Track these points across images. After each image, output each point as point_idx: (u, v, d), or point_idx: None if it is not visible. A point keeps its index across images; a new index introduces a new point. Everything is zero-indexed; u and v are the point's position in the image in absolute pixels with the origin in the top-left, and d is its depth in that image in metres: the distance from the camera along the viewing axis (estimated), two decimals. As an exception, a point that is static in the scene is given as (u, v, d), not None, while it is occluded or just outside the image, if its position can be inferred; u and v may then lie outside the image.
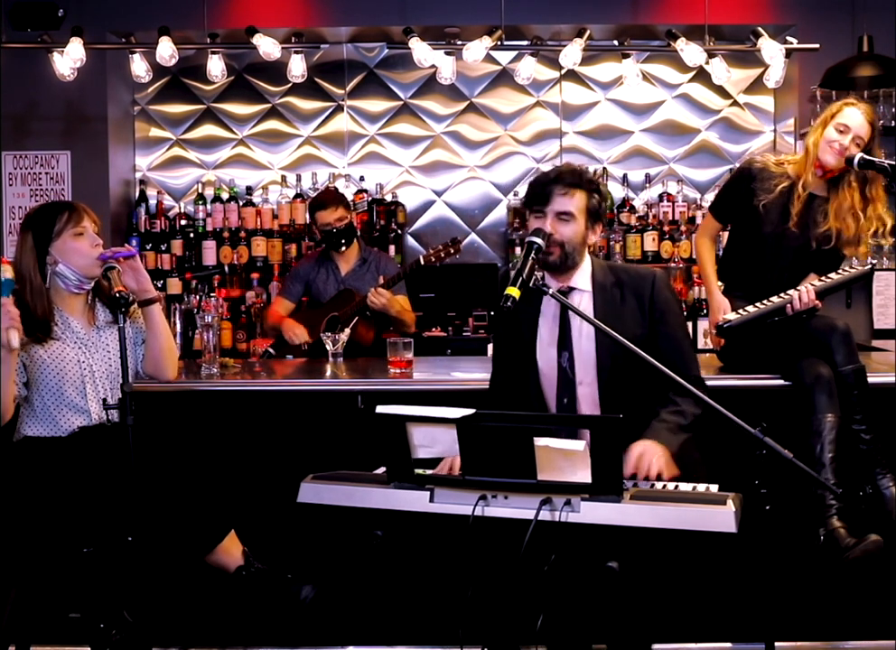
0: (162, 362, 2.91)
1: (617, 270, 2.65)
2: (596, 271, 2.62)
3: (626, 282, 2.60)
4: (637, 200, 5.45)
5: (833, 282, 3.10)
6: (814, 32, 4.89)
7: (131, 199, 5.57)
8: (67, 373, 2.73)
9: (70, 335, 2.78)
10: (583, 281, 2.60)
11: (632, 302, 2.58)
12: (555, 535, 1.98)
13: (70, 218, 2.77)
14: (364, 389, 3.18)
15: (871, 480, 2.91)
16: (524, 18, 5.01)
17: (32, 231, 2.78)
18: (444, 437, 2.03)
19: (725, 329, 3.08)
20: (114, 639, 2.50)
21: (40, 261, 2.76)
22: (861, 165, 3.06)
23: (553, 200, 2.52)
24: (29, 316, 2.71)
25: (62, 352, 2.74)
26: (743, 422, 2.09)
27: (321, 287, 4.37)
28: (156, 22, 4.68)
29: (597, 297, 2.58)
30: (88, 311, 2.85)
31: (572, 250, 2.54)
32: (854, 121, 3.12)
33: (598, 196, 2.58)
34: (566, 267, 2.56)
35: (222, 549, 2.71)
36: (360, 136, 5.61)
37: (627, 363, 2.45)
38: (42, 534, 2.56)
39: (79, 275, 2.77)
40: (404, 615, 3.10)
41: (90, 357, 2.78)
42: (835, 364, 2.95)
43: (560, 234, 2.52)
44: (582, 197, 2.54)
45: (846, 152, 3.09)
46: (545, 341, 2.59)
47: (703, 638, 3.12)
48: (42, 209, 2.83)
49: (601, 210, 2.59)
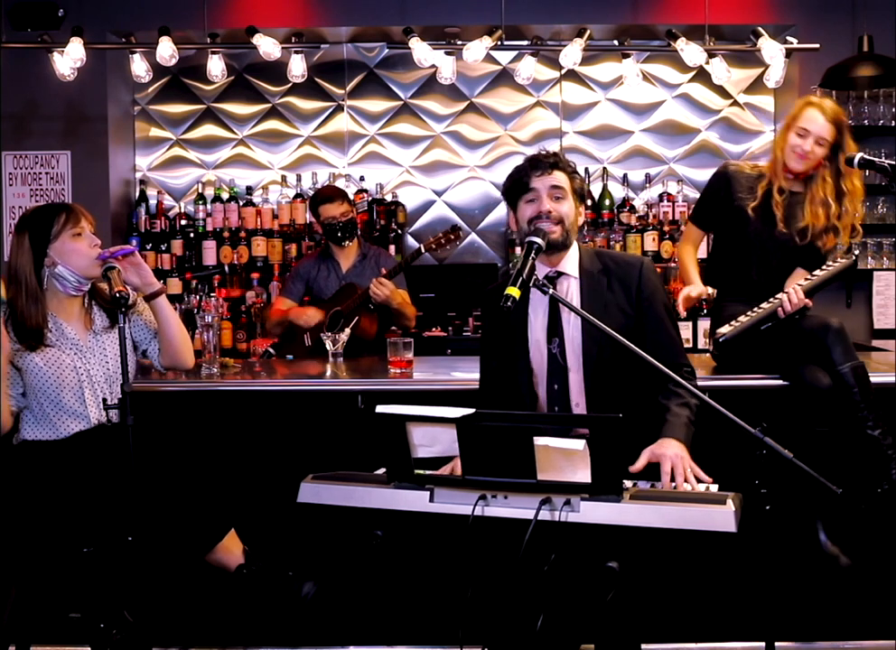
0: (178, 351, 2.88)
1: (604, 257, 2.64)
2: (584, 257, 2.61)
3: (613, 269, 2.60)
4: (637, 200, 5.45)
5: (819, 279, 3.10)
6: (814, 32, 4.90)
7: (131, 199, 5.57)
8: (64, 380, 2.72)
9: (65, 341, 2.75)
10: (571, 266, 2.60)
11: (619, 290, 2.57)
12: (555, 535, 1.97)
13: (68, 219, 2.76)
14: (364, 389, 3.18)
15: (885, 476, 2.90)
16: (524, 18, 5.01)
17: (29, 232, 2.75)
18: (444, 437, 2.03)
19: (721, 343, 3.07)
20: (114, 639, 2.49)
21: (37, 263, 2.74)
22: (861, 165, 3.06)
23: (538, 179, 2.52)
24: (20, 323, 2.70)
25: (58, 359, 2.73)
26: (743, 422, 2.09)
27: (322, 284, 4.37)
28: (156, 22, 4.68)
29: (584, 283, 2.58)
30: (85, 315, 2.82)
31: (570, 227, 2.54)
32: (813, 124, 3.13)
33: (578, 177, 2.59)
34: (563, 246, 2.55)
35: (223, 548, 2.71)
36: (360, 136, 5.61)
37: (613, 353, 2.47)
38: (41, 535, 2.56)
39: (78, 277, 2.75)
40: (404, 615, 3.10)
41: (87, 362, 2.76)
42: (833, 363, 2.95)
43: (558, 210, 2.52)
44: (566, 177, 2.55)
45: (809, 155, 3.12)
46: (535, 328, 2.59)
47: (703, 638, 3.12)
48: (38, 211, 2.81)
49: (583, 190, 2.60)
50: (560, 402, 2.56)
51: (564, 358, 2.55)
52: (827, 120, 3.12)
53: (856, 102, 5.13)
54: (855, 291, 5.19)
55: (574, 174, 2.58)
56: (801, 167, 3.14)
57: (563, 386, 2.55)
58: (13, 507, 2.60)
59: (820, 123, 3.12)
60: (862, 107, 5.13)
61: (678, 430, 2.44)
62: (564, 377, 2.55)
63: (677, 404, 2.50)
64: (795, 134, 3.15)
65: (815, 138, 3.12)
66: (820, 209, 3.15)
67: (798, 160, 3.14)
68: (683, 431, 2.43)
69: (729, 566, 2.88)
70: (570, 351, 2.55)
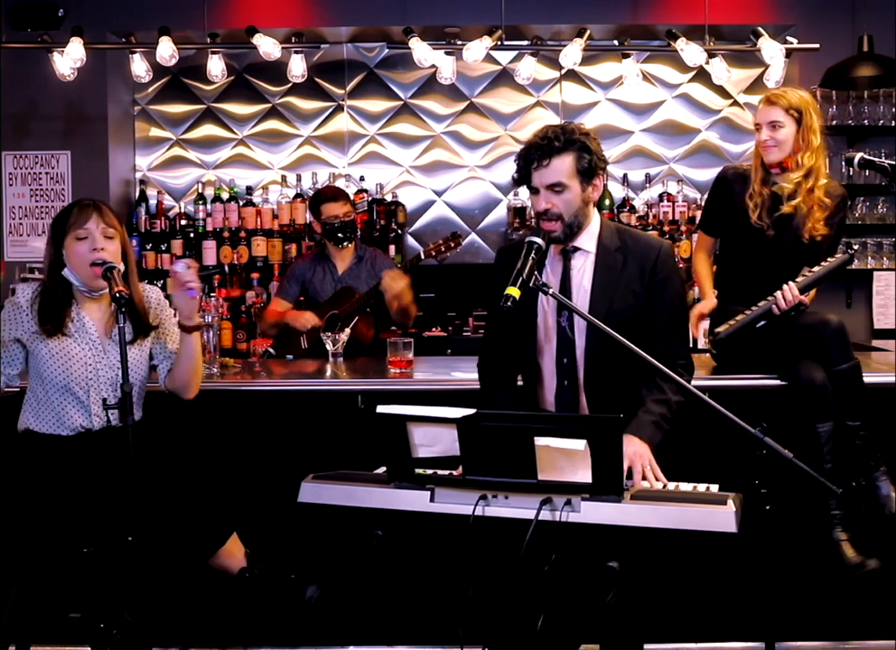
0: (186, 384, 2.84)
1: (625, 234, 2.58)
2: (604, 232, 2.56)
3: (631, 248, 2.54)
4: (637, 200, 5.46)
5: (814, 275, 3.09)
6: (814, 32, 4.90)
7: (131, 199, 5.57)
8: (73, 372, 2.69)
9: (84, 335, 2.72)
10: (588, 242, 2.55)
11: (633, 269, 2.53)
12: (556, 535, 1.97)
13: (76, 219, 2.68)
14: (364, 389, 3.18)
15: (865, 473, 2.93)
16: (524, 18, 5.01)
17: (52, 228, 2.73)
18: (445, 437, 2.03)
19: (717, 342, 3.07)
20: (114, 639, 2.49)
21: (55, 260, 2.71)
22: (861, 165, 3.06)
23: (536, 175, 2.46)
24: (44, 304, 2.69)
25: (71, 349, 2.69)
26: (743, 422, 2.09)
27: (318, 286, 4.36)
28: (156, 22, 4.69)
29: (599, 260, 2.53)
30: (110, 320, 2.75)
31: (572, 218, 2.48)
32: (762, 115, 3.18)
33: (586, 151, 2.45)
34: (573, 234, 2.51)
35: (225, 552, 2.70)
36: (360, 136, 5.61)
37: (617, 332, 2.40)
38: (42, 534, 2.56)
39: (82, 281, 2.70)
40: (404, 615, 3.10)
41: (98, 362, 2.72)
42: (831, 362, 2.95)
43: (556, 207, 2.47)
44: (567, 160, 2.44)
45: (769, 142, 3.14)
46: (545, 301, 2.55)
47: (703, 638, 3.12)
48: (66, 207, 2.75)
49: (592, 164, 2.46)
50: (569, 375, 2.53)
51: (573, 331, 2.52)
52: (777, 105, 3.14)
53: (856, 102, 5.13)
54: (855, 291, 5.19)
55: (581, 152, 2.44)
56: (772, 157, 3.16)
57: (571, 360, 2.52)
58: (13, 505, 2.60)
59: (767, 111, 3.16)
60: (862, 107, 5.13)
61: (644, 428, 2.43)
62: (572, 351, 2.52)
63: (654, 400, 2.48)
64: (756, 132, 3.22)
65: (767, 125, 3.15)
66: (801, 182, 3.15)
67: (766, 152, 3.17)
68: (649, 430, 2.42)
69: (729, 566, 2.88)
70: (578, 324, 2.51)
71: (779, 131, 3.13)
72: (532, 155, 2.46)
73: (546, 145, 2.44)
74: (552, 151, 2.44)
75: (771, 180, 3.19)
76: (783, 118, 3.13)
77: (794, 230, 3.15)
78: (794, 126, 3.13)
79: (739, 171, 3.28)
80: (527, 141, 2.51)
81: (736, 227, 3.23)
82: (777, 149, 3.15)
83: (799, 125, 3.12)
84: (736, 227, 3.23)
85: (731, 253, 3.34)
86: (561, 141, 2.44)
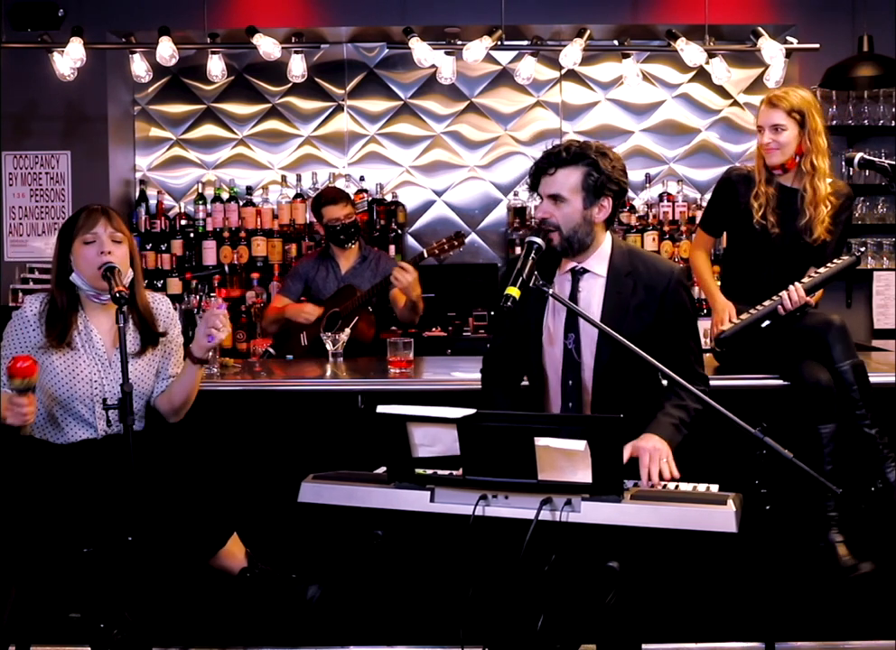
0: (177, 410, 2.83)
1: (636, 258, 2.54)
2: (615, 255, 2.53)
3: (642, 273, 2.51)
4: (637, 200, 5.46)
5: (821, 276, 3.09)
6: (814, 32, 4.90)
7: (131, 199, 5.58)
8: (77, 389, 2.68)
9: (90, 349, 2.71)
10: (598, 265, 2.52)
11: (643, 296, 2.49)
12: (556, 535, 1.97)
13: (84, 223, 2.69)
14: (364, 389, 3.18)
15: (880, 474, 2.92)
16: (524, 18, 5.01)
17: (60, 233, 2.73)
18: (445, 437, 2.03)
19: (722, 340, 3.07)
20: (114, 639, 2.49)
21: (61, 265, 2.71)
22: (861, 165, 3.06)
23: (542, 183, 2.47)
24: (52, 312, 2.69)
25: (77, 367, 2.69)
26: (743, 422, 2.09)
27: (320, 285, 4.36)
28: (156, 22, 4.69)
29: (609, 284, 2.50)
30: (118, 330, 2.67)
31: (571, 232, 2.46)
32: (763, 118, 3.17)
33: (595, 169, 2.42)
34: (574, 250, 2.48)
35: (225, 552, 2.70)
36: (360, 136, 5.61)
37: (623, 357, 2.40)
38: (42, 534, 2.56)
39: (89, 285, 2.70)
40: (405, 615, 3.10)
41: (104, 377, 2.71)
42: (833, 361, 2.95)
43: (554, 217, 2.45)
44: (573, 174, 2.43)
45: (771, 145, 3.13)
46: (551, 323, 2.54)
47: (703, 638, 3.12)
48: (76, 211, 2.76)
49: (601, 183, 2.42)
50: (574, 398, 2.53)
51: (579, 354, 2.51)
52: (779, 108, 3.13)
53: (856, 102, 5.14)
54: (855, 291, 5.19)
55: (591, 169, 2.42)
56: (774, 160, 3.15)
57: (577, 382, 2.52)
58: (14, 505, 2.60)
59: (768, 114, 3.15)
60: (862, 107, 5.13)
61: (664, 428, 2.43)
62: (578, 373, 2.52)
63: (673, 405, 2.49)
64: (758, 134, 3.21)
65: (769, 128, 3.14)
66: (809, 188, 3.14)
67: (768, 155, 3.16)
68: (669, 430, 2.42)
69: (729, 566, 2.88)
70: (585, 347, 2.50)
71: (782, 134, 3.12)
72: (542, 163, 2.48)
73: (555, 156, 2.46)
74: (559, 162, 2.45)
75: (775, 180, 3.19)
76: (785, 121, 3.12)
77: (800, 230, 3.15)
78: (796, 129, 3.12)
79: (743, 173, 3.27)
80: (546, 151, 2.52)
81: (741, 229, 3.22)
82: (779, 152, 3.14)
83: (802, 128, 3.11)
84: (741, 229, 3.22)
85: (736, 253, 3.34)
86: (570, 154, 2.44)
